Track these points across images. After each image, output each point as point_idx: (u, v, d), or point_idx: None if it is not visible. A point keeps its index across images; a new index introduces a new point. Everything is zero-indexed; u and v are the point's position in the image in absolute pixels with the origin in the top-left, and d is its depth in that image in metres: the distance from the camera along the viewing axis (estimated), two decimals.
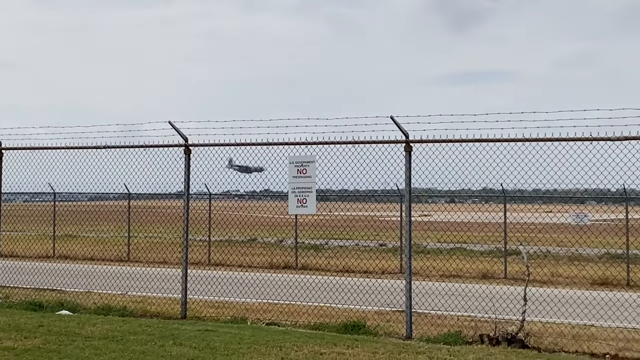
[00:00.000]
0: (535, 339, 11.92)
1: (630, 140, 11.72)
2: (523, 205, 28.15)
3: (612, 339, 12.52)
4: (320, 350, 10.75)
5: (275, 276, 20.48)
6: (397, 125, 12.70)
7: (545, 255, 26.52)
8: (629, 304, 15.52)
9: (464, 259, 25.05)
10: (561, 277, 22.37)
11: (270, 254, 27.70)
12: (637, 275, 21.51)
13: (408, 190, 12.88)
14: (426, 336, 12.33)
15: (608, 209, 22.86)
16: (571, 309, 15.01)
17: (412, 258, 23.54)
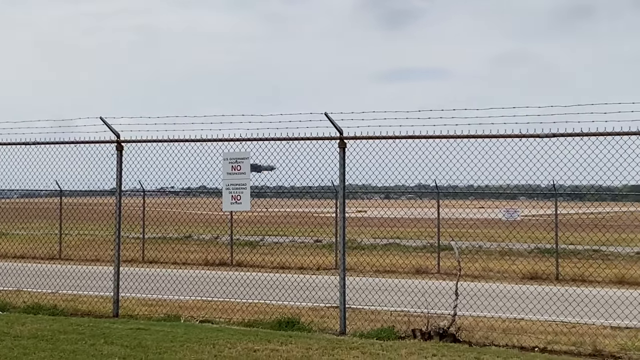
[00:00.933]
0: (467, 333, 12.10)
1: (558, 137, 11.98)
2: (456, 201, 28.60)
3: (541, 333, 12.79)
4: (254, 347, 10.74)
5: (210, 273, 20.34)
6: (331, 122, 12.75)
7: (477, 251, 26.97)
8: (557, 297, 15.86)
9: (398, 254, 25.29)
10: (492, 271, 22.76)
11: (206, 251, 27.54)
12: (565, 269, 22.00)
13: (342, 186, 12.96)
14: (360, 331, 12.42)
15: (537, 204, 23.33)
16: (501, 303, 15.27)
17: (347, 254, 23.68)
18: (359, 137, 12.86)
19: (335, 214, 25.06)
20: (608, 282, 20.13)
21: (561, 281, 20.82)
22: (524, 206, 31.99)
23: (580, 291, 14.67)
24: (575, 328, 13.42)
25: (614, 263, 23.01)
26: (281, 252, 25.68)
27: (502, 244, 26.95)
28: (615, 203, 36.27)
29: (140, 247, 27.55)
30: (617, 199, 31.41)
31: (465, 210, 35.56)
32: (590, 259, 22.82)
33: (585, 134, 11.77)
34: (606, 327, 13.63)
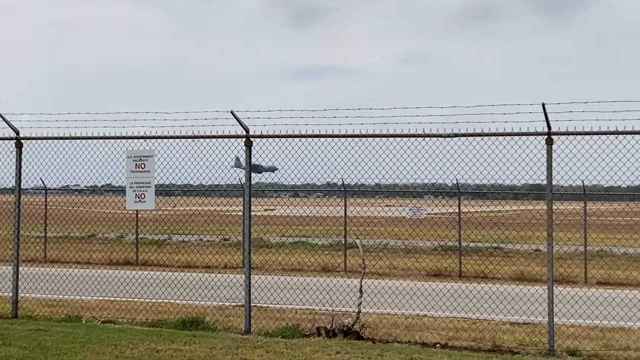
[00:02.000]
0: (371, 330, 12.25)
1: (460, 137, 12.25)
2: (364, 199, 28.88)
3: (442, 329, 13.05)
4: (156, 348, 10.64)
5: (114, 273, 20.03)
6: (237, 120, 12.72)
7: (383, 248, 27.32)
8: (459, 294, 16.20)
9: (306, 252, 25.40)
10: (398, 269, 23.11)
11: (110, 250, 27.03)
12: (468, 266, 22.50)
13: (248, 185, 12.94)
14: (265, 330, 12.43)
15: (442, 203, 23.81)
16: (406, 300, 15.55)
17: (254, 253, 23.61)
18: (265, 135, 12.87)
19: (243, 212, 24.98)
20: (508, 279, 20.69)
21: (464, 278, 21.28)
22: (429, 205, 32.55)
23: (481, 288, 14.99)
24: (476, 324, 13.75)
25: (514, 260, 23.65)
26: (188, 251, 25.45)
27: (408, 242, 27.37)
28: (515, 202, 37.34)
29: (41, 247, 26.85)
30: (518, 198, 32.28)
31: (372, 208, 35.97)
32: (492, 256, 23.41)
33: (485, 134, 12.06)
34: (505, 322, 14.01)
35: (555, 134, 11.69)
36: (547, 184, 11.74)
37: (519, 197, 30.48)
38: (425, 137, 12.40)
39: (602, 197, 27.26)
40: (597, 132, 11.51)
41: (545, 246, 11.67)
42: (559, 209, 29.54)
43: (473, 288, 16.18)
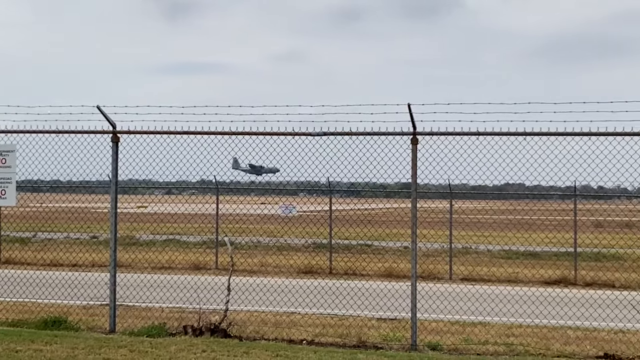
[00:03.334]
0: (238, 327, 12.23)
1: (329, 135, 12.39)
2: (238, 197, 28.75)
3: (310, 325, 13.17)
4: (16, 348, 10.30)
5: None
6: (104, 116, 12.45)
7: (256, 246, 27.33)
8: (324, 291, 16.30)
9: (177, 250, 25.11)
10: (269, 266, 23.15)
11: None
12: (338, 263, 22.79)
13: (114, 181, 12.68)
14: (130, 329, 12.21)
15: (314, 200, 23.98)
16: (276, 297, 15.58)
17: (125, 250, 23.15)
18: (133, 131, 12.65)
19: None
20: (377, 276, 21.08)
21: (334, 275, 21.54)
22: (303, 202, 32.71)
23: (350, 284, 15.25)
24: (343, 320, 13.94)
25: (383, 257, 24.12)
26: (54, 249, 24.65)
27: (280, 240, 27.48)
28: (387, 200, 38.07)
29: None
30: (389, 196, 32.87)
31: (246, 206, 35.89)
32: (362, 253, 23.80)
33: (353, 133, 12.25)
34: (372, 318, 14.26)
35: (420, 134, 11.98)
36: (412, 183, 12.04)
37: (390, 195, 31.05)
38: (294, 135, 12.49)
39: (468, 195, 28.12)
40: (459, 133, 11.89)
41: (414, 244, 11.95)
42: (427, 207, 30.36)
43: (342, 285, 16.43)
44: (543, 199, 31.82)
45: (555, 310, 14.21)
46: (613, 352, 11.33)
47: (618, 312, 14.03)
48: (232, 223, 26.04)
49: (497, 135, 11.92)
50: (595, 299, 14.82)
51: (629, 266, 22.25)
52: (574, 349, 11.71)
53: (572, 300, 14.52)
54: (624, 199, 33.84)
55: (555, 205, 33.86)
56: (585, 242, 22.84)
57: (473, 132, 11.86)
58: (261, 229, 27.33)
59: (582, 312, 13.83)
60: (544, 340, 12.32)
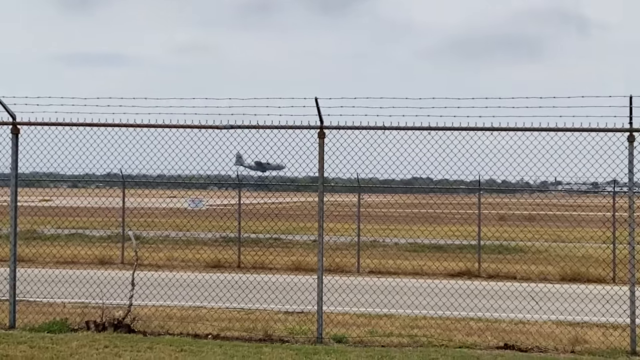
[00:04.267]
0: (143, 322, 12.08)
1: (236, 128, 12.34)
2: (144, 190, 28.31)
3: (216, 320, 13.09)
4: None
5: None
6: (3, 106, 12.09)
7: (163, 240, 26.99)
8: (231, 285, 16.20)
9: (82, 244, 24.57)
10: (177, 260, 22.92)
11: None
12: (247, 257, 22.73)
13: (14, 174, 12.34)
14: (31, 325, 11.92)
15: (223, 194, 23.89)
16: (182, 291, 15.45)
17: (27, 245, 22.50)
18: (34, 123, 12.35)
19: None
20: (285, 269, 21.11)
21: (242, 269, 21.47)
22: (213, 195, 32.51)
23: (258, 278, 15.21)
24: (250, 314, 13.92)
25: (292, 250, 24.18)
26: None
27: (188, 233, 27.24)
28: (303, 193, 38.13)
29: None
30: (299, 190, 32.93)
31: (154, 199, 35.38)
32: (271, 247, 23.78)
33: (260, 127, 12.25)
34: (279, 312, 14.28)
35: (327, 127, 12.05)
36: (319, 176, 12.10)
37: (300, 188, 31.14)
38: (201, 128, 12.39)
39: (376, 189, 28.44)
40: (366, 127, 12.01)
41: (321, 237, 12.01)
42: (335, 201, 30.55)
43: (250, 279, 16.39)
44: (449, 192, 32.42)
45: (458, 302, 14.52)
46: (513, 342, 11.64)
47: (518, 303, 14.46)
48: (138, 217, 25.63)
49: (402, 130, 12.08)
50: (496, 291, 15.21)
51: (529, 258, 22.90)
52: (475, 339, 11.98)
53: (475, 292, 14.86)
54: (527, 193, 34.78)
55: (460, 199, 34.56)
56: (488, 235, 23.39)
57: (379, 126, 12.00)
58: (168, 223, 26.99)
59: (484, 303, 14.18)
60: (447, 332, 12.57)
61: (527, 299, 14.99)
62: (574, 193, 32.73)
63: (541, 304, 14.18)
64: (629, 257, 11.62)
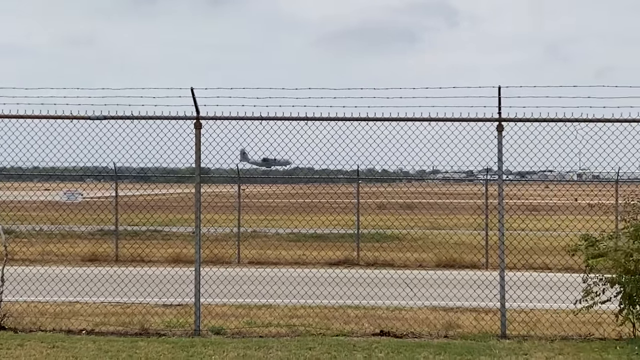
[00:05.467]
0: (14, 319, 11.73)
1: (110, 119, 12.10)
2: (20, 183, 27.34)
3: (91, 314, 12.87)
4: None
5: None
6: None
7: (38, 234, 26.15)
8: (113, 279, 15.89)
9: None
10: (51, 255, 22.25)
11: None
12: (125, 250, 22.26)
13: None
14: None
15: (102, 186, 23.37)
16: (56, 287, 14.96)
17: None
18: None
19: None
20: (165, 261, 20.86)
21: (120, 262, 21.06)
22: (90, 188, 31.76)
23: (135, 271, 14.88)
24: (127, 308, 13.69)
25: (172, 242, 23.90)
26: None
27: (63, 227, 26.46)
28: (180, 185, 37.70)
29: None
30: (180, 181, 32.53)
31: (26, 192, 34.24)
32: (150, 239, 23.40)
33: (135, 117, 12.09)
34: (157, 305, 14.08)
35: (204, 118, 11.97)
36: (196, 167, 12.01)
37: (182, 180, 30.76)
38: (72, 119, 12.09)
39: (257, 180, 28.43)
40: (243, 117, 11.99)
41: (198, 229, 11.91)
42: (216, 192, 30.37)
43: (129, 272, 16.04)
44: (331, 182, 32.69)
45: (335, 291, 14.72)
46: (388, 329, 11.89)
47: (393, 290, 14.76)
48: (7, 211, 24.71)
49: (279, 120, 12.11)
50: (373, 279, 15.49)
51: (406, 246, 23.42)
52: (352, 327, 12.16)
53: (353, 280, 15.06)
54: (405, 182, 35.51)
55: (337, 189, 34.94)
56: (367, 224, 23.78)
57: (257, 116, 12.01)
58: (40, 217, 26.16)
59: (360, 291, 14.40)
60: (325, 320, 12.71)
61: (402, 285, 15.33)
62: (451, 181, 33.70)
63: (415, 290, 14.52)
64: (499, 243, 12.06)
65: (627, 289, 11.04)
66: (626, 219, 11.74)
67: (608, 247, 11.38)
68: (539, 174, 26.52)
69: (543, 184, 32.99)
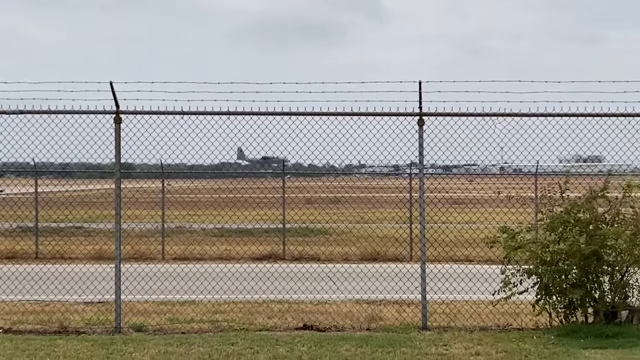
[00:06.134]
0: None
1: (26, 114, 11.87)
2: None
3: (8, 313, 12.62)
4: None
5: None
6: None
7: None
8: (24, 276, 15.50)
9: None
10: None
11: None
12: (46, 247, 21.80)
13: None
14: None
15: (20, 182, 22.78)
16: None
17: None
18: None
19: None
20: (87, 258, 20.49)
21: (40, 259, 20.59)
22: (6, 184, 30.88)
23: (57, 269, 14.58)
24: (46, 306, 13.40)
25: (96, 239, 23.48)
26: None
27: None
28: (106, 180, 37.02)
29: None
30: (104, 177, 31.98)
31: None
32: (72, 236, 22.95)
33: (52, 112, 11.83)
34: (78, 303, 13.83)
35: (123, 112, 11.82)
36: (116, 163, 11.86)
37: (105, 175, 30.24)
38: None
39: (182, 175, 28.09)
40: (164, 112, 11.91)
41: (118, 225, 11.74)
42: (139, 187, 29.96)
43: (47, 270, 15.71)
44: (257, 177, 32.56)
45: (258, 286, 14.68)
46: (312, 322, 11.92)
47: (317, 284, 14.80)
48: None
49: (200, 115, 12.04)
50: (297, 273, 15.48)
51: (332, 240, 23.52)
52: (276, 322, 12.16)
53: (276, 275, 15.06)
54: (333, 176, 35.64)
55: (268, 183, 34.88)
56: (294, 218, 23.77)
57: (178, 111, 11.91)
58: None
59: (284, 285, 14.41)
60: (248, 315, 12.68)
61: (325, 279, 15.39)
62: (377, 175, 33.96)
63: (338, 284, 14.58)
64: (420, 236, 12.21)
65: (543, 279, 11.32)
66: (542, 211, 12.00)
67: (525, 239, 11.64)
68: (463, 168, 26.96)
69: (467, 178, 33.55)
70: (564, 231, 11.42)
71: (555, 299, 11.49)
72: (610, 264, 11.39)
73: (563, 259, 11.35)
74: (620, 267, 11.42)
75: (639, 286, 11.49)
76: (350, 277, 15.37)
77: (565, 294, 11.33)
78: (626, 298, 11.51)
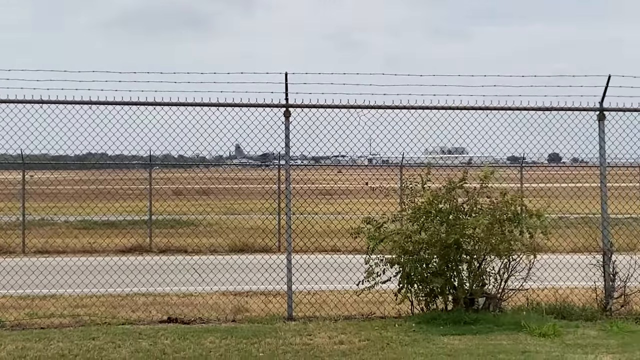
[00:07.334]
0: None
1: None
2: None
3: None
4: None
5: None
6: None
7: None
8: None
9: None
10: None
11: None
12: None
13: None
14: None
15: None
16: None
17: None
18: None
19: None
20: None
21: None
22: None
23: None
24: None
25: None
26: None
27: None
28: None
29: None
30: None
31: None
32: None
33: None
34: None
35: None
36: None
37: None
38: None
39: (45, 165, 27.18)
40: (22, 101, 11.58)
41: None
42: None
43: None
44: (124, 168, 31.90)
45: (123, 278, 14.40)
46: (177, 315, 11.81)
47: (182, 276, 14.63)
48: None
49: (62, 104, 11.74)
50: (162, 265, 15.24)
51: (201, 232, 23.36)
52: (140, 315, 11.97)
53: (140, 267, 14.74)
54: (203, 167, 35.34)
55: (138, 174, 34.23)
56: (161, 210, 23.44)
57: (37, 100, 11.59)
58: None
59: (149, 278, 14.16)
60: (111, 309, 12.43)
61: (191, 271, 15.25)
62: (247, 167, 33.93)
63: (204, 276, 14.46)
64: (286, 227, 12.28)
65: (405, 268, 11.59)
66: (405, 202, 12.30)
67: (389, 230, 11.87)
68: (332, 159, 27.29)
69: (336, 169, 34.00)
70: (425, 221, 11.73)
71: (417, 287, 11.80)
72: (468, 252, 11.77)
73: (424, 248, 11.66)
74: (478, 256, 11.82)
75: (495, 274, 11.92)
76: (217, 269, 15.26)
77: (427, 283, 11.65)
78: (483, 285, 11.93)
